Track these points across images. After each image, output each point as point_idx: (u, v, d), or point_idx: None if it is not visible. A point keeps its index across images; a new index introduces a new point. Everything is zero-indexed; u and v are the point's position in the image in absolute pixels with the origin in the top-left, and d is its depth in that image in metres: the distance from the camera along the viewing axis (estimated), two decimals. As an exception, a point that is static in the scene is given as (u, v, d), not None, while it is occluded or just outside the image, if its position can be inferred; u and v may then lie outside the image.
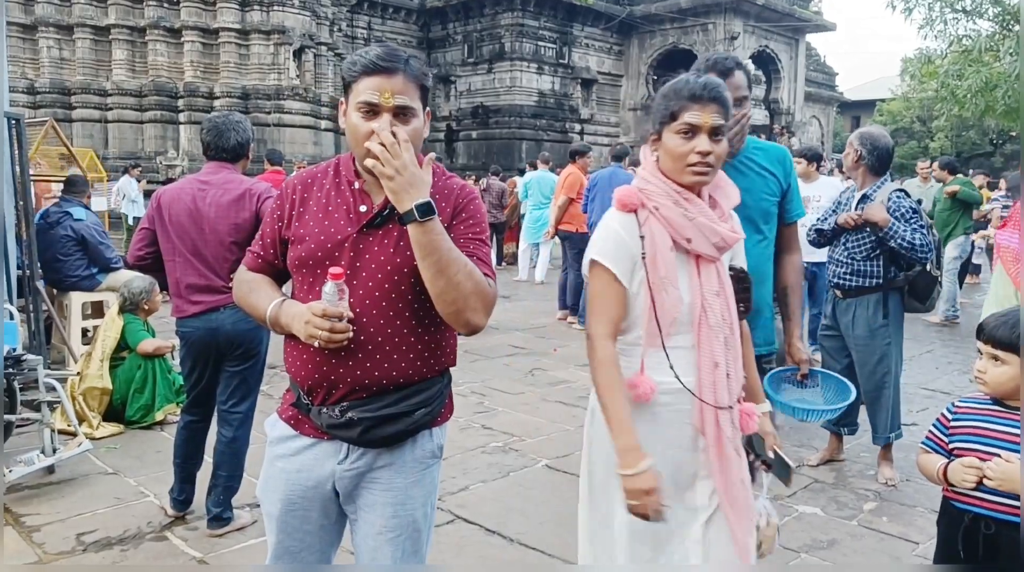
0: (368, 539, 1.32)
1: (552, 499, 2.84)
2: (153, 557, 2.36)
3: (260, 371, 2.56)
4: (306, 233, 1.29)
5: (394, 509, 1.31)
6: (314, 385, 1.28)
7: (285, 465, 1.34)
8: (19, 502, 2.73)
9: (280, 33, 13.37)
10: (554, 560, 2.37)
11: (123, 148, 13.14)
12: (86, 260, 4.53)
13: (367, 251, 1.26)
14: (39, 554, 2.36)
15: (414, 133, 1.25)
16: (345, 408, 1.26)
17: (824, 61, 25.68)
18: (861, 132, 3.07)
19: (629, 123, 19.65)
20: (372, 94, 1.22)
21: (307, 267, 1.29)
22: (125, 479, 2.96)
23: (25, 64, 13.13)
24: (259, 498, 1.40)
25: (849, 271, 3.04)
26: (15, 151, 3.81)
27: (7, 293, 3.73)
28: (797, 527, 2.66)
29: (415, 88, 1.26)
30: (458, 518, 2.65)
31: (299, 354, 1.30)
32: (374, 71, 1.23)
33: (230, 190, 2.39)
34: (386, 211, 1.26)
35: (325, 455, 1.31)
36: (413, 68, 1.25)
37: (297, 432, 1.33)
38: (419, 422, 1.29)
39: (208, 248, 2.37)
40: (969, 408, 1.54)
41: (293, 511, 1.33)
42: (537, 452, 3.32)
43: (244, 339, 2.44)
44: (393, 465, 1.31)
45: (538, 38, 17.83)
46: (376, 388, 1.26)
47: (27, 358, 3.00)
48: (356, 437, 1.27)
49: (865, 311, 3.02)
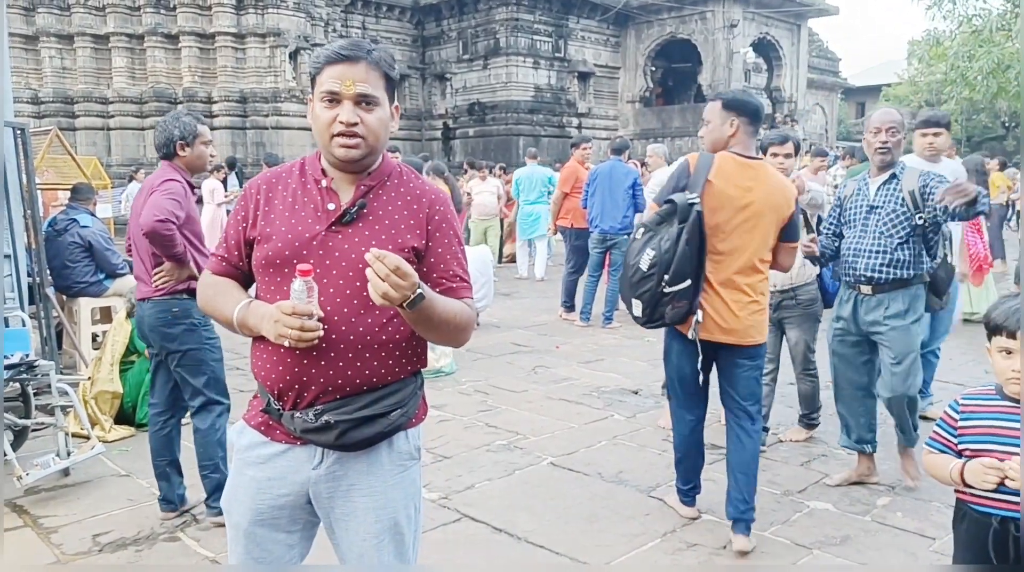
0: (353, 547, 1.30)
1: (558, 497, 2.86)
2: (167, 557, 2.42)
3: (201, 365, 2.54)
4: (272, 232, 1.27)
5: (376, 514, 1.29)
6: (284, 388, 1.25)
7: (255, 473, 1.30)
8: (37, 504, 2.80)
9: (275, 36, 13.41)
10: (561, 559, 2.40)
11: (125, 155, 13.21)
12: (93, 266, 4.62)
13: (336, 249, 1.24)
14: (57, 555, 2.43)
15: (379, 123, 1.25)
16: (320, 411, 1.23)
17: (827, 47, 25.50)
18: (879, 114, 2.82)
19: (628, 116, 19.60)
20: (334, 82, 1.23)
21: (274, 266, 1.26)
22: (137, 481, 3.02)
23: (28, 75, 13.22)
24: (224, 509, 1.37)
25: (885, 262, 2.70)
26: (21, 161, 3.86)
27: (19, 300, 3.80)
28: (808, 523, 2.64)
29: (379, 77, 1.25)
30: (465, 516, 2.69)
31: (268, 357, 1.27)
32: (336, 60, 1.24)
33: (147, 187, 2.59)
34: (354, 208, 1.26)
35: (298, 461, 1.28)
36: (375, 57, 1.25)
37: (268, 438, 1.30)
38: (395, 423, 1.28)
39: (137, 241, 2.58)
40: (977, 406, 1.45)
41: (262, 522, 1.30)
42: (542, 450, 3.35)
43: (158, 336, 2.54)
44: (370, 469, 1.29)
45: (533, 32, 17.77)
46: (350, 389, 1.24)
47: (40, 364, 3.06)
48: (333, 441, 1.24)
49: (900, 306, 2.72)
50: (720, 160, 2.41)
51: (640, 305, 2.35)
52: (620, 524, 2.63)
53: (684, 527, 2.61)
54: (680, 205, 2.31)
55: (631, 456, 3.29)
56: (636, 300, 2.36)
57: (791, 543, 2.51)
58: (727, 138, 2.47)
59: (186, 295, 2.51)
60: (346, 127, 1.23)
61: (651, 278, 2.30)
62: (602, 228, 5.94)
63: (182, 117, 2.59)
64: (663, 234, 2.32)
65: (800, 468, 3.16)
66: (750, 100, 2.50)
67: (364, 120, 1.25)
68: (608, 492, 2.91)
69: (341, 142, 1.25)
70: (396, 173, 1.34)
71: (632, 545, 2.48)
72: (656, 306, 2.34)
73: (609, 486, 2.97)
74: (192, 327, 2.52)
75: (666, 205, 2.37)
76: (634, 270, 2.35)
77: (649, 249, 2.32)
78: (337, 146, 1.25)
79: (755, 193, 2.38)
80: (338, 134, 1.24)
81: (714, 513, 2.65)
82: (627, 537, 2.53)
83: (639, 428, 3.67)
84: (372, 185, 1.30)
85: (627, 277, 2.39)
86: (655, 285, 2.30)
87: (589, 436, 3.54)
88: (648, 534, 2.55)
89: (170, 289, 2.51)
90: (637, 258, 2.35)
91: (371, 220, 1.28)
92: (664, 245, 2.29)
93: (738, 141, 2.46)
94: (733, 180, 2.38)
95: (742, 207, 2.37)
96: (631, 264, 2.38)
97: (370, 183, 1.30)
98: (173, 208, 2.44)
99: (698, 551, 2.45)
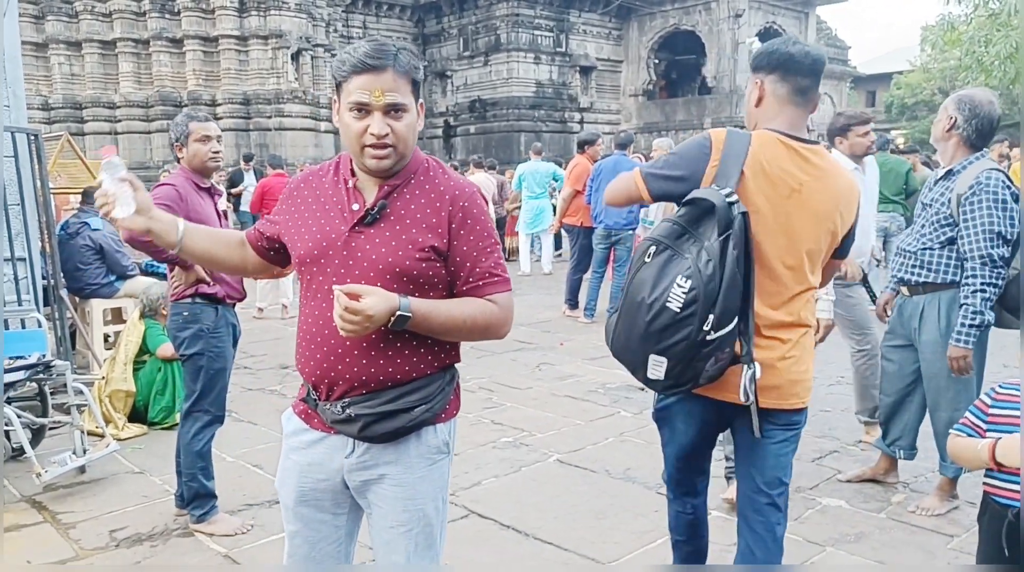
0: (382, 532, 1.36)
1: (565, 493, 2.86)
2: (181, 553, 2.47)
3: (199, 372, 2.54)
4: (305, 231, 1.33)
5: (404, 504, 1.33)
6: (317, 381, 1.32)
7: (298, 458, 1.38)
8: (55, 501, 2.86)
9: (277, 37, 13.46)
10: (570, 555, 2.40)
11: (133, 158, 13.32)
12: (105, 268, 4.70)
13: (359, 249, 1.27)
14: (76, 550, 2.49)
15: (407, 129, 1.27)
16: (346, 404, 1.29)
17: (835, 35, 25.27)
18: (959, 95, 2.51)
19: (631, 110, 19.49)
20: (363, 94, 1.24)
21: (305, 265, 1.32)
22: (151, 478, 3.08)
23: (39, 82, 13.34)
24: (277, 489, 1.45)
25: (917, 263, 2.52)
26: (35, 166, 3.93)
27: (35, 302, 3.87)
28: (821, 520, 2.60)
29: (406, 83, 1.26)
30: (472, 513, 2.70)
31: (303, 351, 1.34)
32: (363, 70, 1.24)
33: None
34: (375, 210, 1.28)
35: (333, 449, 1.35)
36: (402, 63, 1.26)
37: (308, 426, 1.38)
38: (419, 419, 1.31)
39: None
40: (1011, 396, 1.41)
41: (306, 502, 1.38)
42: (548, 447, 3.35)
43: (172, 338, 2.62)
44: (399, 461, 1.33)
45: (534, 27, 17.66)
46: (374, 384, 1.28)
47: (56, 364, 3.14)
48: (357, 433, 1.30)
49: (935, 312, 2.49)
50: (760, 142, 1.60)
51: (665, 363, 1.52)
52: (629, 521, 2.63)
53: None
54: (718, 206, 1.50)
55: (638, 453, 3.29)
56: (658, 356, 1.52)
57: (803, 540, 2.47)
58: (753, 112, 1.69)
59: (199, 299, 2.51)
60: (377, 139, 1.25)
61: (688, 321, 1.48)
62: (606, 223, 5.91)
63: (179, 118, 2.59)
64: (695, 252, 1.51)
65: (812, 464, 3.14)
66: (778, 47, 1.65)
67: (394, 129, 1.26)
68: (616, 489, 2.91)
69: (372, 154, 1.27)
70: (423, 169, 1.34)
71: (642, 542, 2.47)
72: (691, 361, 1.51)
73: (617, 483, 2.97)
74: (199, 333, 2.51)
75: (688, 207, 1.56)
76: (656, 312, 1.50)
77: (681, 277, 1.49)
78: (369, 157, 1.27)
79: (807, 193, 1.61)
80: (369, 145, 1.26)
81: (721, 510, 2.63)
82: (636, 534, 2.52)
83: (646, 424, 3.65)
84: (396, 185, 1.31)
85: (638, 324, 1.53)
86: (694, 330, 1.48)
87: (596, 433, 3.54)
88: (657, 531, 2.52)
89: (180, 293, 2.52)
90: (659, 293, 1.50)
91: (392, 221, 1.29)
92: (705, 268, 1.48)
93: (770, 112, 1.64)
94: (776, 173, 1.59)
95: (788, 212, 1.60)
96: (647, 304, 1.51)
97: (394, 183, 1.31)
98: None
99: (708, 548, 2.47)
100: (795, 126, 1.64)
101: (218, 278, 2.52)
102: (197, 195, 2.56)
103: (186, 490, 2.60)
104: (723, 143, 1.61)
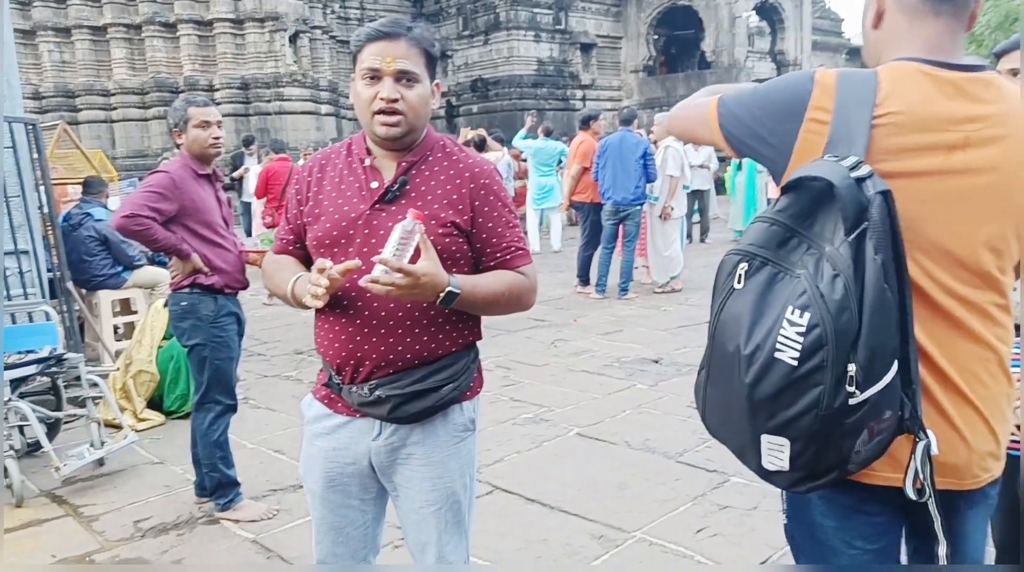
0: (411, 513, 1.36)
1: (587, 466, 2.89)
2: (208, 540, 2.46)
3: (204, 362, 2.50)
4: (322, 213, 1.31)
5: (432, 483, 1.33)
6: (342, 364, 1.30)
7: (323, 444, 1.36)
8: (75, 494, 2.85)
9: (274, 20, 13.24)
10: (596, 525, 2.43)
11: (130, 147, 13.20)
12: (110, 259, 4.64)
13: (381, 227, 1.26)
14: (100, 542, 2.47)
15: (419, 99, 1.26)
16: (373, 386, 1.28)
17: (829, 7, 25.03)
18: None
19: (632, 86, 19.32)
20: (374, 59, 1.24)
21: (324, 247, 1.30)
22: (171, 468, 3.06)
23: (28, 70, 13.15)
24: (301, 476, 1.44)
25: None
26: (34, 156, 3.86)
27: (41, 294, 3.83)
28: None
29: (419, 54, 1.26)
30: (497, 488, 2.72)
31: (326, 333, 1.31)
32: (377, 38, 1.25)
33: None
34: (396, 186, 1.28)
35: (359, 432, 1.33)
36: (416, 35, 1.26)
37: (331, 411, 1.35)
38: (447, 397, 1.31)
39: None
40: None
41: (333, 487, 1.36)
42: (568, 421, 3.38)
43: (174, 328, 2.58)
44: (426, 440, 1.33)
45: (534, 5, 17.49)
46: (401, 364, 1.27)
47: (69, 356, 3.10)
48: (386, 414, 1.29)
49: None
50: (892, 79, 1.00)
51: (788, 446, 0.94)
52: (651, 490, 2.66)
53: (714, 490, 2.63)
54: (839, 188, 0.92)
55: (656, 424, 3.31)
56: (775, 437, 0.95)
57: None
58: (872, 37, 1.09)
59: (197, 290, 2.45)
60: (387, 103, 1.24)
61: (814, 379, 0.90)
62: (615, 199, 5.92)
63: (177, 103, 2.52)
64: (812, 265, 0.93)
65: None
66: None
67: (405, 97, 1.25)
68: (636, 460, 2.93)
69: (382, 119, 1.26)
70: (439, 146, 1.34)
71: (664, 510, 2.50)
72: (829, 439, 0.93)
73: (637, 454, 2.99)
74: (198, 323, 2.46)
75: (791, 195, 0.97)
76: (761, 369, 0.92)
77: (793, 308, 0.91)
78: (378, 124, 1.27)
79: (982, 145, 0.99)
80: (379, 111, 1.25)
81: (743, 476, 2.64)
82: (658, 502, 2.55)
83: (662, 396, 3.68)
84: (414, 161, 1.31)
85: (736, 389, 0.95)
86: (825, 392, 0.90)
87: (613, 406, 3.56)
88: (679, 498, 2.57)
89: (178, 283, 2.47)
90: (761, 339, 0.93)
91: (413, 197, 1.29)
92: (831, 290, 0.91)
93: (899, 31, 1.04)
94: (926, 123, 0.98)
95: (955, 176, 0.99)
96: (745, 356, 0.93)
97: (412, 159, 1.31)
98: (147, 202, 2.38)
99: (729, 513, 2.46)
100: (942, 48, 1.02)
101: (217, 267, 2.48)
102: (196, 183, 2.49)
103: (208, 480, 2.59)
104: (833, 89, 1.00)
